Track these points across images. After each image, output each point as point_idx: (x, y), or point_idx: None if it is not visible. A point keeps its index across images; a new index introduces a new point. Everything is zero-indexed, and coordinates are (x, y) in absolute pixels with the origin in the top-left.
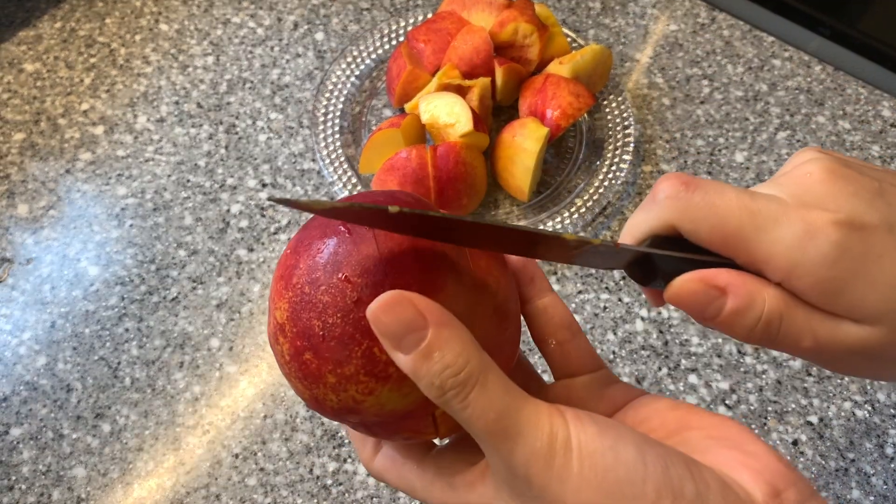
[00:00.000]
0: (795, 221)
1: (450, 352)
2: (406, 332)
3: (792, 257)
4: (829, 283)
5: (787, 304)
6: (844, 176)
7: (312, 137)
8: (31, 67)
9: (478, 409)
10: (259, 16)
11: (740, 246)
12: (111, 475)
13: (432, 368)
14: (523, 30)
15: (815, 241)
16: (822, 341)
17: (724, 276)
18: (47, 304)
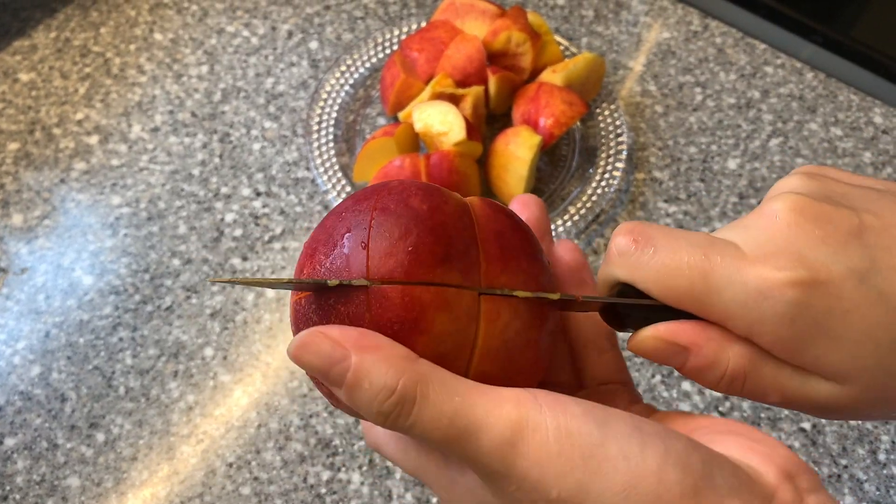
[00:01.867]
0: (750, 279)
1: (377, 376)
2: (329, 366)
3: (748, 317)
4: (790, 342)
5: (753, 361)
6: (815, 217)
7: (307, 146)
8: (26, 77)
9: (426, 423)
10: (253, 25)
11: (695, 306)
12: (105, 485)
13: (364, 397)
14: (516, 38)
15: (770, 302)
16: (789, 397)
17: (687, 332)
18: (41, 313)
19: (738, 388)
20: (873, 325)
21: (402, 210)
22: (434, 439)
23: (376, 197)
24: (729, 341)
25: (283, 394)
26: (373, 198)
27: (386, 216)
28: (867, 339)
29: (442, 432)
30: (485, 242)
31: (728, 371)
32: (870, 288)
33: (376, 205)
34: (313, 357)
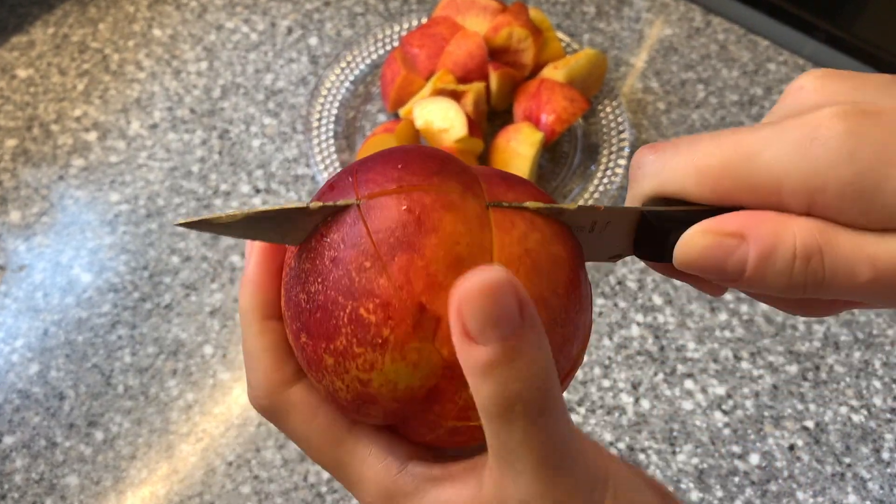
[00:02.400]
0: (791, 130)
1: (531, 359)
2: (496, 323)
3: (801, 172)
4: (858, 183)
5: (824, 232)
6: (844, 76)
7: (306, 143)
8: (24, 73)
9: (542, 436)
10: (252, 21)
11: (738, 185)
12: (104, 483)
13: (510, 374)
14: (518, 34)
15: (820, 141)
16: (882, 267)
17: (736, 218)
18: (40, 311)
19: (818, 272)
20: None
21: (388, 151)
22: (529, 454)
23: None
24: (789, 217)
25: None
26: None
27: (371, 157)
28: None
29: (542, 455)
30: (483, 174)
31: (799, 247)
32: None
33: (360, 161)
34: (488, 304)
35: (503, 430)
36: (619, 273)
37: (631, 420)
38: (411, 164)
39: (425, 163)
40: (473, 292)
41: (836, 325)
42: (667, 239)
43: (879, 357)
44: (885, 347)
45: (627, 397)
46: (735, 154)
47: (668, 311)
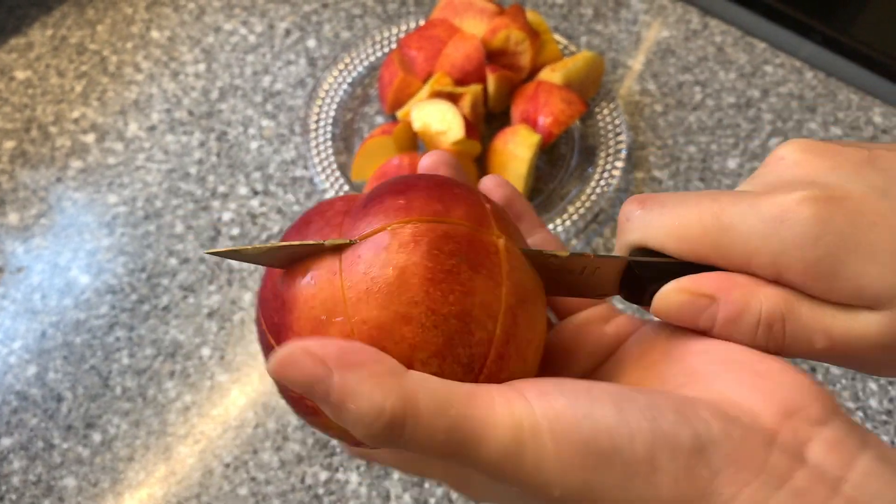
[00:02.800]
0: (763, 208)
1: (362, 398)
2: (311, 385)
3: (770, 248)
4: (819, 266)
5: (788, 302)
6: (822, 152)
7: (304, 145)
8: (22, 75)
9: (422, 441)
10: (251, 23)
11: (713, 252)
12: (102, 485)
13: (350, 419)
14: (515, 37)
15: (788, 224)
16: (837, 338)
17: (710, 280)
18: (38, 313)
19: (779, 337)
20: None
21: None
22: (433, 455)
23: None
24: (758, 285)
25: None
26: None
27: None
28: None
29: (439, 448)
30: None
31: (763, 314)
32: (892, 200)
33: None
34: (294, 375)
35: (403, 450)
36: None
37: None
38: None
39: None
40: (277, 372)
41: None
42: (648, 287)
43: None
44: None
45: None
46: (713, 223)
47: None
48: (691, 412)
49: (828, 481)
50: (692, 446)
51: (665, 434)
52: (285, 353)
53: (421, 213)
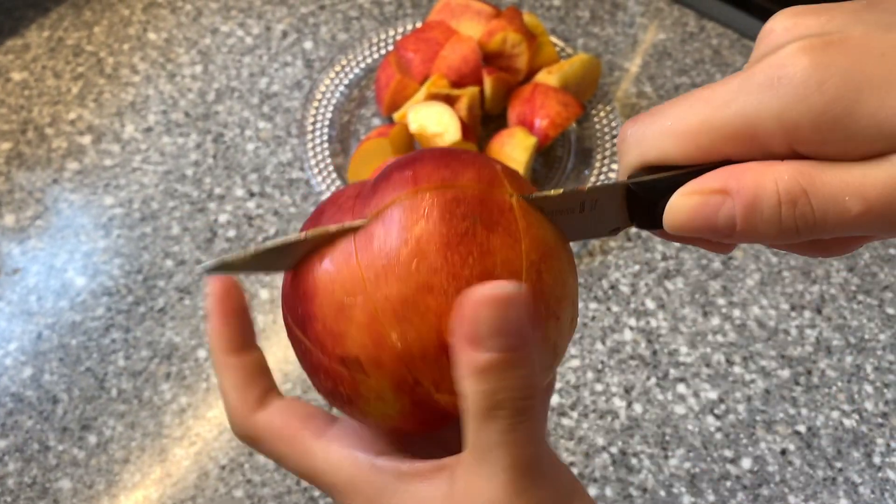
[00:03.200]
0: (758, 73)
1: (525, 372)
2: (503, 335)
3: (773, 111)
4: (830, 112)
5: (807, 173)
6: (814, 10)
7: (301, 147)
8: (19, 76)
9: (519, 441)
10: (247, 25)
11: (716, 139)
12: (97, 487)
13: (503, 382)
14: (512, 39)
15: (787, 78)
16: (873, 197)
17: (718, 174)
18: (33, 314)
19: (807, 212)
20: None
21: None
22: (507, 455)
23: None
24: (770, 164)
25: None
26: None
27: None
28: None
29: (520, 458)
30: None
31: (782, 192)
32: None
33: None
34: (494, 315)
35: (483, 429)
36: (612, 277)
37: (623, 424)
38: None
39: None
40: (490, 300)
41: (829, 329)
42: (657, 207)
43: (871, 362)
44: (876, 352)
45: (620, 401)
46: (707, 108)
47: (661, 315)
48: None
49: None
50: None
51: None
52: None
53: (429, 182)
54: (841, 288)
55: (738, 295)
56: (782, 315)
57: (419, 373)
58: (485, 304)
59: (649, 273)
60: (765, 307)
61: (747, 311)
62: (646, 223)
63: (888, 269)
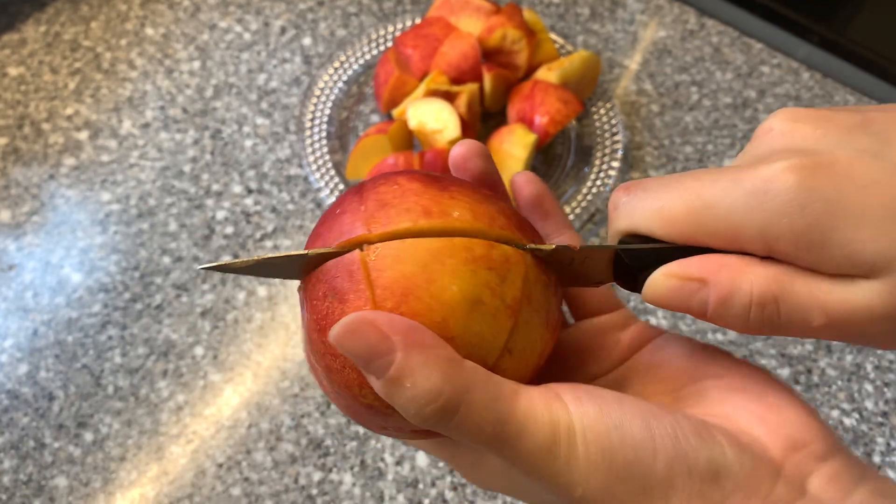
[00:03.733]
0: (746, 181)
1: (422, 379)
2: (372, 358)
3: (755, 221)
4: (808, 233)
5: (780, 281)
6: (812, 119)
7: (299, 143)
8: (15, 72)
9: (469, 428)
10: (246, 20)
11: (699, 231)
12: (93, 485)
13: (404, 396)
14: (511, 36)
15: (772, 194)
16: (834, 314)
17: (698, 263)
18: (29, 311)
19: (773, 316)
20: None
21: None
22: (474, 442)
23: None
24: (748, 265)
25: (275, 394)
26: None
27: (383, 182)
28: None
29: (483, 438)
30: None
31: (755, 294)
32: (885, 161)
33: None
34: (357, 344)
35: (446, 434)
36: None
37: None
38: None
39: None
40: (339, 338)
41: None
42: (640, 275)
43: (871, 360)
44: (876, 351)
45: None
46: (696, 203)
47: (661, 313)
48: (709, 437)
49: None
50: (707, 469)
51: (686, 455)
52: (351, 321)
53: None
54: None
55: None
56: None
57: None
58: (340, 342)
59: None
60: None
61: None
62: (628, 286)
63: None
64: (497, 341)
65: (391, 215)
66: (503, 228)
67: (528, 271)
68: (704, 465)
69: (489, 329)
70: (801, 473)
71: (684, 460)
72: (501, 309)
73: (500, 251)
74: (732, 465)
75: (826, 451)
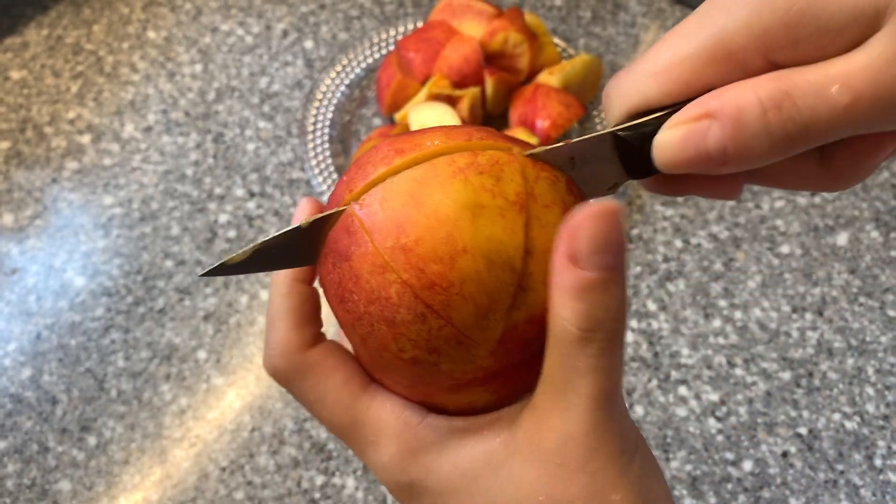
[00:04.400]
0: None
1: (622, 293)
2: (605, 251)
3: (740, 25)
4: (797, 5)
5: (786, 76)
6: None
7: (301, 146)
8: (17, 75)
9: (608, 368)
10: (248, 24)
11: (694, 69)
12: (97, 489)
13: (603, 302)
14: (513, 39)
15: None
16: (859, 83)
17: (698, 101)
18: (32, 314)
19: (794, 114)
20: None
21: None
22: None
23: None
24: (749, 80)
25: (277, 397)
26: None
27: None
28: None
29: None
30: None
31: (764, 98)
32: None
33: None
34: (596, 231)
35: (574, 353)
36: None
37: None
38: (396, 142)
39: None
40: (593, 217)
41: (830, 331)
42: (649, 154)
43: (872, 364)
44: (878, 354)
45: None
46: (680, 40)
47: (662, 317)
48: None
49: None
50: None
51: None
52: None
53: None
54: (842, 290)
55: (739, 297)
56: (784, 317)
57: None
58: (589, 220)
59: (651, 275)
60: (766, 309)
61: (749, 312)
62: (642, 172)
63: (889, 272)
64: (514, 240)
65: (368, 170)
66: (484, 139)
67: (524, 168)
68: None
69: (501, 229)
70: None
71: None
72: (507, 206)
73: (487, 155)
74: None
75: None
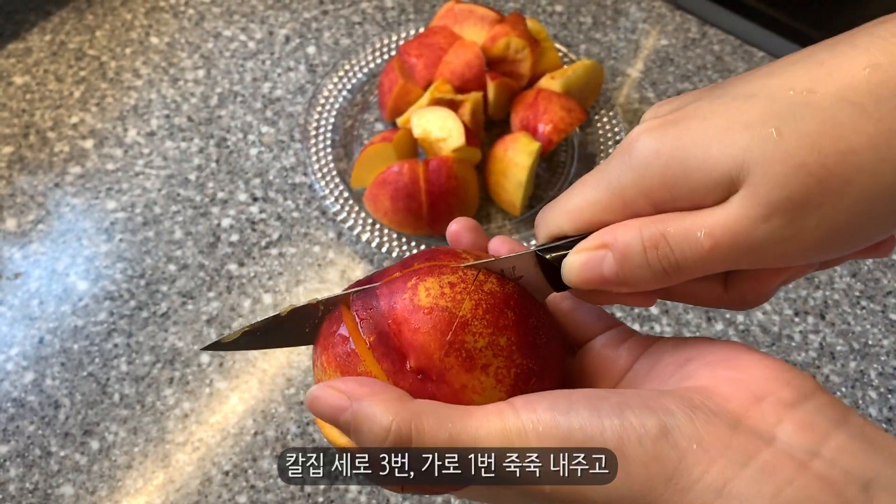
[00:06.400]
0: (618, 153)
1: (373, 423)
2: (336, 416)
3: (631, 180)
4: (671, 171)
5: (665, 220)
6: (671, 100)
7: (304, 151)
8: (21, 80)
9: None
10: (250, 29)
11: (596, 211)
12: (99, 493)
13: (367, 440)
14: (515, 44)
15: (635, 153)
16: (718, 232)
17: (599, 233)
18: (35, 319)
19: (668, 253)
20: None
21: None
22: None
23: None
24: (639, 220)
25: (280, 401)
26: None
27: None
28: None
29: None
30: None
31: (645, 238)
32: (725, 97)
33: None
34: (323, 408)
35: None
36: None
37: None
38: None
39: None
40: (312, 407)
41: (832, 335)
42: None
43: (875, 367)
44: (880, 358)
45: None
46: (587, 189)
47: (665, 320)
48: (656, 404)
49: (796, 458)
50: (658, 432)
51: (632, 424)
52: (315, 390)
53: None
54: (844, 293)
55: None
56: (786, 320)
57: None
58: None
59: None
60: (769, 312)
61: (751, 316)
62: (562, 286)
63: (891, 275)
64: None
65: None
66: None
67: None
68: (653, 428)
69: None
70: (766, 422)
71: (632, 428)
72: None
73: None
74: (682, 423)
75: (796, 399)
